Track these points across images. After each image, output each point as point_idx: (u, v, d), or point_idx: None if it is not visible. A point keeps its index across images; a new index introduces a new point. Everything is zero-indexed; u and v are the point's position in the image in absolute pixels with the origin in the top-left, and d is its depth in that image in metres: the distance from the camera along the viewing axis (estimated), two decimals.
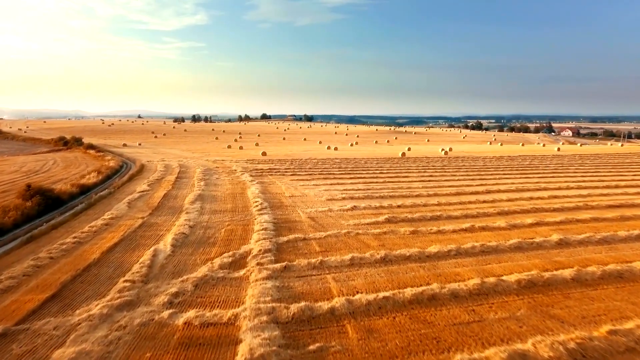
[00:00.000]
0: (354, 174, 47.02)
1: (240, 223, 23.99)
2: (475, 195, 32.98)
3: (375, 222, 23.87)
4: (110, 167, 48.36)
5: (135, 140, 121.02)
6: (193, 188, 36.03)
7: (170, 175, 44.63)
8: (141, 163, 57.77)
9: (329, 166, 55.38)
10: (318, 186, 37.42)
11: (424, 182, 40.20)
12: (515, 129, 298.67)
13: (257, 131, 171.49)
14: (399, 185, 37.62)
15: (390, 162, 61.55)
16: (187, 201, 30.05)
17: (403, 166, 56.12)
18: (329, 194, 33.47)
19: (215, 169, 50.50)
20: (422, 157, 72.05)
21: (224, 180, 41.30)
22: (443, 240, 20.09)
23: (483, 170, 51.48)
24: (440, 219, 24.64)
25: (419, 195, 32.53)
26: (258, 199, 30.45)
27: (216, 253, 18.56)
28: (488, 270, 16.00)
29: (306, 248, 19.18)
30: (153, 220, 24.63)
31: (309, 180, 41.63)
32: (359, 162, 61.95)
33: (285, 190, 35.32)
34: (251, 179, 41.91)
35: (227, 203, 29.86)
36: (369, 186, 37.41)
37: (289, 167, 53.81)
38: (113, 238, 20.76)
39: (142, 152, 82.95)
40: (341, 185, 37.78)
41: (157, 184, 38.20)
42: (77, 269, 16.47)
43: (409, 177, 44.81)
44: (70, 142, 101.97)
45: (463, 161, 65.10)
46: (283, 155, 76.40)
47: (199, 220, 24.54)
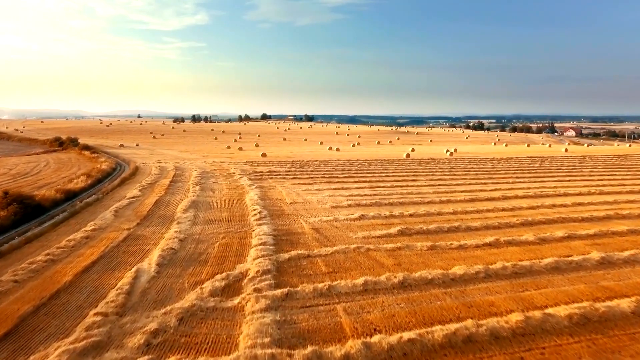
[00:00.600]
0: (358, 177, 44.56)
1: (237, 235, 21.53)
2: (491, 202, 30.50)
3: (387, 234, 21.40)
4: (102, 170, 45.91)
5: (133, 140, 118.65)
6: (187, 193, 33.57)
7: (165, 178, 42.16)
8: (135, 165, 55.31)
9: (332, 168, 52.92)
10: (321, 191, 34.95)
11: (434, 187, 37.71)
12: (517, 129, 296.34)
13: (257, 131, 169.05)
14: (408, 191, 35.12)
15: (395, 164, 59.08)
16: (179, 209, 27.59)
17: (409, 168, 53.66)
18: (334, 200, 31.01)
19: (212, 172, 48.04)
20: (427, 159, 69.60)
21: (221, 184, 38.83)
22: (467, 259, 17.61)
23: (494, 173, 48.99)
24: (459, 231, 22.16)
25: (432, 202, 30.04)
26: (257, 207, 27.99)
27: (207, 274, 16.10)
28: (527, 300, 13.53)
29: (311, 268, 16.72)
30: (140, 232, 22.16)
31: (311, 184, 39.17)
32: (362, 164, 59.49)
33: (286, 195, 32.87)
34: (250, 183, 39.45)
35: (223, 211, 27.39)
36: (376, 191, 34.94)
37: (289, 169, 51.36)
38: (92, 255, 18.29)
39: (139, 154, 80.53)
40: (346, 190, 35.31)
41: (150, 189, 35.74)
42: (43, 296, 14.01)
43: (417, 180, 42.33)
44: (65, 143, 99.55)
45: (470, 163, 62.62)
46: (283, 156, 73.98)
47: (191, 232, 22.08)
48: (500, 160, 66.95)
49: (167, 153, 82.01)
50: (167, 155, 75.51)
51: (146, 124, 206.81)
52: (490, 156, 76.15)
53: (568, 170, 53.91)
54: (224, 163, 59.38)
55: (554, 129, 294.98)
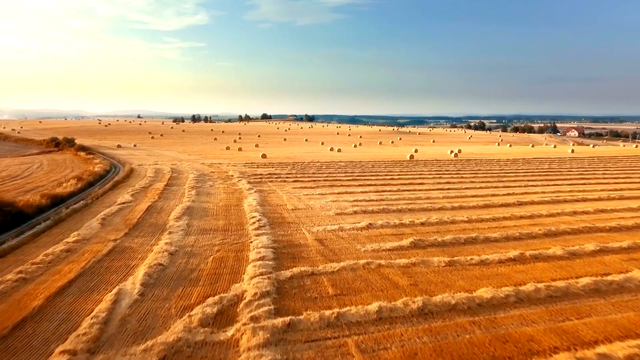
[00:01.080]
0: (362, 180, 42.57)
1: (233, 248, 19.55)
2: (507, 208, 28.51)
3: (399, 247, 19.42)
4: (95, 172, 43.94)
5: (132, 141, 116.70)
6: (182, 199, 31.60)
7: (159, 182, 40.19)
8: (131, 167, 53.34)
9: (334, 171, 50.95)
10: (324, 196, 32.97)
11: (443, 191, 35.73)
12: (519, 129, 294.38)
13: (257, 131, 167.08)
14: (416, 195, 33.14)
15: (399, 166, 57.10)
16: (172, 216, 25.61)
17: (414, 170, 51.66)
18: (338, 206, 29.03)
19: (210, 175, 46.06)
20: (432, 160, 67.60)
21: (219, 188, 36.85)
22: (491, 277, 15.64)
23: (503, 176, 47.01)
24: (477, 243, 20.19)
25: (443, 209, 28.05)
26: (255, 214, 26.02)
27: (198, 297, 14.14)
28: (571, 332, 11.54)
29: (316, 289, 14.74)
30: (127, 244, 20.19)
31: (313, 188, 37.20)
32: (365, 165, 57.50)
33: (287, 201, 30.90)
34: (249, 186, 37.48)
35: (219, 219, 25.41)
36: (382, 196, 32.95)
37: (290, 171, 49.38)
38: (70, 272, 16.33)
39: (136, 154, 78.59)
40: (350, 195, 33.33)
41: (143, 194, 33.77)
42: (5, 327, 12.05)
43: (424, 183, 40.34)
44: (62, 144, 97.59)
45: (477, 164, 60.62)
46: (284, 157, 72.00)
47: (183, 244, 20.11)
48: (507, 162, 64.97)
49: (165, 154, 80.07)
50: (165, 157, 73.57)
51: (145, 124, 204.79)
52: (496, 157, 74.16)
53: (579, 172, 51.91)
54: (223, 165, 57.42)
55: (556, 129, 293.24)
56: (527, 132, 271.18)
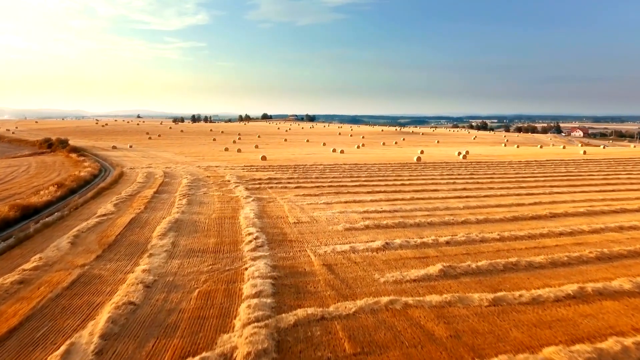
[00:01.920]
0: (370, 185, 39.09)
1: (224, 277, 16.09)
2: (539, 221, 25.02)
3: (427, 276, 15.94)
4: (80, 177, 40.47)
5: (128, 141, 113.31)
6: (171, 209, 28.15)
7: (149, 188, 36.72)
8: (121, 171, 49.93)
9: (339, 174, 47.49)
10: (330, 205, 29.51)
11: (461, 200, 32.26)
12: (522, 129, 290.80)
13: (257, 132, 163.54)
14: (433, 205, 29.63)
15: (407, 169, 53.62)
16: (157, 232, 22.16)
17: (425, 175, 48.17)
18: (346, 218, 25.56)
19: (205, 180, 42.60)
20: (440, 162, 64.12)
21: (213, 196, 33.39)
22: (553, 326, 12.16)
23: (521, 181, 43.52)
24: (519, 269, 16.71)
25: (467, 222, 24.57)
26: (252, 229, 22.55)
27: (174, 356, 10.68)
28: None
29: (328, 343, 11.27)
30: (97, 271, 16.74)
31: (317, 195, 33.73)
32: (371, 169, 54.03)
33: (288, 212, 27.44)
34: (246, 194, 34.02)
35: (210, 235, 21.94)
36: (395, 205, 29.46)
37: (292, 176, 45.93)
38: (14, 316, 12.87)
39: (130, 156, 75.20)
40: (359, 205, 29.85)
41: (128, 203, 30.32)
42: None
43: (439, 190, 36.86)
44: (54, 145, 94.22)
45: (489, 167, 57.15)
46: (285, 159, 68.57)
47: (164, 271, 16.66)
48: (520, 165, 61.48)
49: (161, 155, 76.68)
50: (160, 158, 70.19)
51: (143, 124, 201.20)
52: (507, 159, 70.69)
53: (602, 176, 48.42)
54: (220, 168, 53.97)
55: (560, 129, 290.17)
56: (531, 132, 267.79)
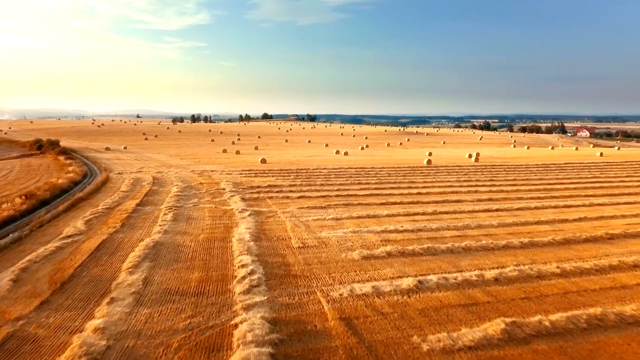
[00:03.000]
0: (383, 195, 34.64)
1: (204, 342, 11.64)
2: (598, 245, 20.53)
3: (486, 339, 11.47)
4: (56, 185, 36.03)
5: (123, 142, 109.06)
6: (152, 227, 23.72)
7: (132, 199, 32.29)
8: (107, 176, 45.58)
9: (346, 181, 43.06)
10: (340, 222, 25.06)
11: (491, 213, 27.80)
12: (526, 129, 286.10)
13: (257, 132, 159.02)
14: (462, 222, 25.09)
15: (420, 174, 49.15)
16: (128, 263, 17.73)
17: (440, 181, 43.71)
18: (362, 240, 21.13)
19: (197, 188, 38.16)
20: (453, 166, 59.63)
21: (204, 209, 28.95)
22: None
23: (550, 189, 39.04)
24: (609, 329, 12.22)
25: (510, 247, 20.08)
26: (247, 258, 18.12)
27: None
28: None
29: None
30: (32, 330, 12.30)
31: (324, 208, 29.31)
32: (380, 173, 49.59)
33: (291, 230, 23.02)
34: (243, 206, 29.60)
35: (193, 267, 17.49)
36: (417, 222, 24.98)
37: (294, 182, 41.51)
38: None
39: (122, 159, 70.86)
40: (374, 221, 25.40)
41: (103, 219, 25.88)
42: None
43: (462, 201, 32.41)
44: (45, 146, 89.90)
45: (507, 171, 52.65)
46: (286, 162, 64.17)
47: (124, 330, 12.22)
48: (539, 168, 56.98)
49: (154, 158, 72.32)
50: (153, 161, 65.83)
51: (141, 124, 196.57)
52: (522, 162, 66.15)
53: (634, 182, 43.92)
54: (216, 172, 49.55)
55: (564, 129, 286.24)
56: (535, 132, 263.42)
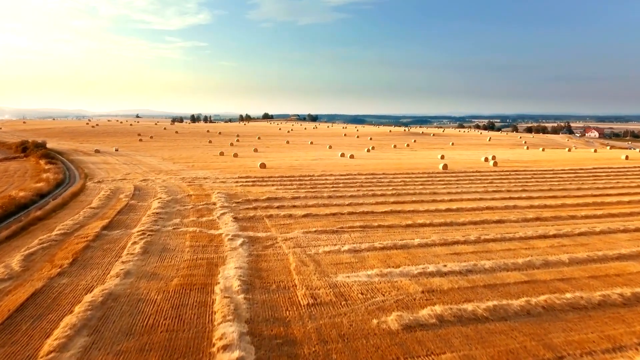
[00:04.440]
0: (405, 211, 28.65)
1: None
2: None
3: None
4: (14, 201, 30.04)
5: (116, 144, 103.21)
6: (111, 267, 17.76)
7: (100, 219, 26.28)
8: (82, 185, 39.73)
9: (357, 191, 37.11)
10: (360, 256, 19.06)
11: (548, 241, 21.78)
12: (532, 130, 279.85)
13: (257, 133, 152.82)
14: (522, 258, 19.01)
15: (440, 182, 43.13)
16: (52, 340, 11.77)
17: (466, 191, 37.68)
18: (395, 290, 15.16)
19: (183, 202, 32.21)
20: (471, 172, 53.63)
21: (185, 234, 22.95)
22: None
23: (601, 202, 32.99)
24: None
25: (608, 305, 14.06)
26: (232, 329, 12.15)
27: None
28: None
29: None
30: None
31: (336, 231, 23.34)
32: (394, 181, 43.60)
33: (296, 271, 17.05)
34: (234, 229, 23.62)
35: (150, 351, 11.49)
36: (461, 257, 18.96)
37: (297, 192, 35.57)
38: None
39: (109, 163, 65.00)
40: (405, 253, 19.39)
41: (51, 252, 19.90)
42: None
43: (505, 221, 26.39)
44: (29, 149, 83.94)
45: (537, 179, 46.64)
46: (287, 167, 58.25)
47: None
48: (570, 175, 50.92)
49: (145, 162, 66.44)
50: (143, 166, 59.94)
51: (137, 124, 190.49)
52: (546, 166, 60.01)
53: None
54: (208, 181, 43.61)
55: (571, 130, 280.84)
56: (541, 132, 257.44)
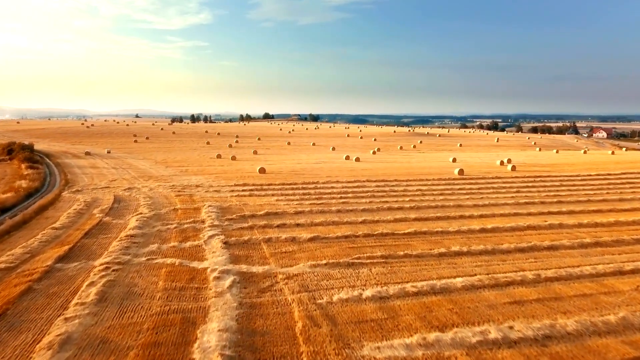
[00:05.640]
0: (432, 232, 23.67)
1: None
2: None
3: None
4: None
5: (109, 145, 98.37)
6: (50, 325, 12.83)
7: (59, 245, 21.28)
8: (56, 196, 34.85)
9: (369, 202, 32.15)
10: (389, 307, 14.08)
11: (628, 278, 16.80)
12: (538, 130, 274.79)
13: (257, 133, 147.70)
14: (614, 314, 14.11)
15: (460, 191, 38.10)
16: None
17: (495, 203, 32.70)
18: None
19: (167, 218, 27.24)
20: (491, 177, 48.66)
21: (160, 268, 17.95)
22: None
23: None
24: None
25: None
26: None
27: None
28: None
29: None
30: None
31: (352, 265, 18.37)
32: (409, 189, 38.60)
33: (301, 335, 12.28)
34: (224, 260, 18.65)
35: None
36: (535, 320, 14.00)
37: (301, 205, 30.60)
38: None
39: (97, 167, 60.07)
40: (448, 301, 14.41)
41: None
42: None
43: (558, 247, 21.40)
44: (15, 151, 78.92)
45: (568, 187, 41.65)
46: (289, 171, 53.33)
47: None
48: (602, 181, 45.85)
49: (136, 165, 61.52)
50: (132, 170, 55.08)
51: (134, 125, 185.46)
52: (570, 171, 54.97)
53: None
54: (200, 189, 38.67)
55: (577, 130, 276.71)
56: (547, 132, 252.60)
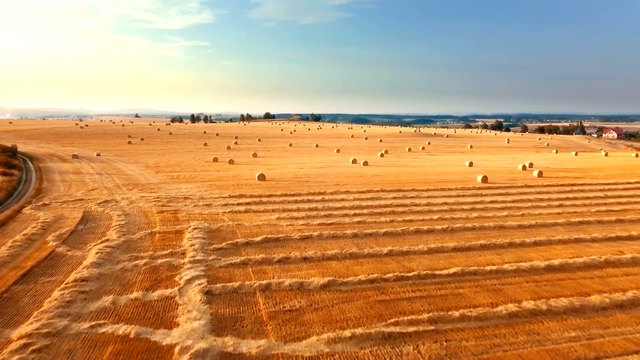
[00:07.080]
0: (483, 271, 17.87)
1: None
2: None
3: None
4: None
5: (101, 147, 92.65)
6: None
7: None
8: (14, 211, 29.08)
9: (390, 222, 26.33)
10: None
11: None
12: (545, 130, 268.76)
13: (257, 134, 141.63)
14: None
15: (492, 204, 32.27)
16: None
17: (542, 223, 26.86)
18: None
19: (139, 248, 21.38)
20: (520, 186, 42.90)
21: (105, 345, 12.10)
22: None
23: None
24: None
25: None
26: None
27: None
28: None
29: None
30: None
31: (387, 336, 12.72)
32: (434, 203, 32.78)
33: None
34: (201, 326, 12.99)
35: None
36: None
37: (307, 225, 24.76)
38: None
39: (80, 172, 54.26)
40: None
41: None
42: None
43: None
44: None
45: (611, 197, 35.94)
46: (291, 178, 47.58)
47: None
48: None
49: (124, 170, 55.79)
50: (118, 177, 49.36)
51: (130, 125, 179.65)
52: (602, 177, 49.08)
53: None
54: (189, 202, 32.86)
55: (584, 130, 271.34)
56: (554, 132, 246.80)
